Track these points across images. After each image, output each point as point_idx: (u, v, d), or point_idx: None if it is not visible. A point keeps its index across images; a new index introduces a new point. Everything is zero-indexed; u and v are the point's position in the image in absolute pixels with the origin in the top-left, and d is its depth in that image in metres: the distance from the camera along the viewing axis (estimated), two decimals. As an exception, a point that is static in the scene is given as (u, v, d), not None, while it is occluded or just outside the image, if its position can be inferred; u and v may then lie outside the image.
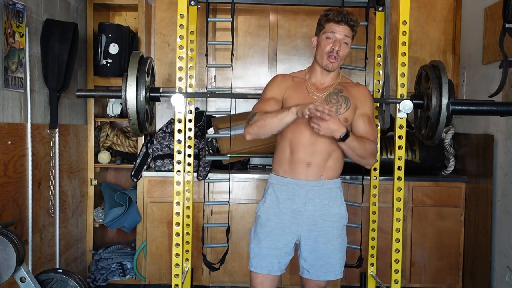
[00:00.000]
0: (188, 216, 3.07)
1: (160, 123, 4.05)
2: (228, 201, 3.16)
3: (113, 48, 3.70)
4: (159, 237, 3.61)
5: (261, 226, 2.30)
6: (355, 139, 2.13)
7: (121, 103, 3.77)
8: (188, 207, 3.05)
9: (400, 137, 2.68)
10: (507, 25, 2.51)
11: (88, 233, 3.83)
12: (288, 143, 2.26)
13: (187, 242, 3.12)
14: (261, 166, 4.03)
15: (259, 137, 2.20)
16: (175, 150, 2.63)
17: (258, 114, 2.20)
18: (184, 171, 2.67)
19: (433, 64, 2.64)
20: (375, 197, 3.13)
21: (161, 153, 3.64)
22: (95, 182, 3.83)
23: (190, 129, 3.05)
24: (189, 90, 3.11)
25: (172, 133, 3.71)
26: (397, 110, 2.65)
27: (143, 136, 3.76)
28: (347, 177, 3.45)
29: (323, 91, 2.28)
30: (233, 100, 4.00)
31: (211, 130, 3.76)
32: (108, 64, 3.70)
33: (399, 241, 2.69)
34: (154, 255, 3.62)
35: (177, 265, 2.61)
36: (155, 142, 3.68)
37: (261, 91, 2.45)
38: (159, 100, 2.73)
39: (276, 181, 2.30)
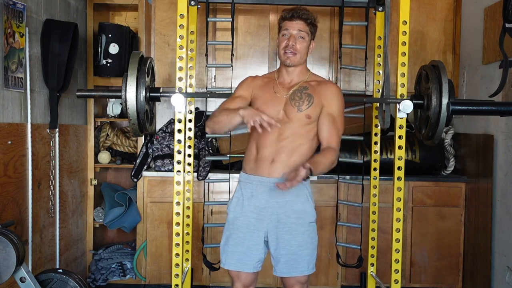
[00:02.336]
0: (188, 216, 3.07)
1: (160, 123, 4.05)
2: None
3: (113, 48, 3.70)
4: (159, 237, 3.62)
5: (229, 224, 2.34)
6: (319, 166, 2.10)
7: (121, 103, 3.77)
8: (188, 207, 3.05)
9: (400, 137, 2.68)
10: (507, 25, 2.51)
11: (88, 233, 3.83)
12: (255, 142, 2.30)
13: (187, 242, 3.12)
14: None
15: (215, 132, 2.27)
16: (175, 150, 2.63)
17: (218, 110, 2.27)
18: (184, 171, 2.67)
19: (433, 64, 2.64)
20: (375, 197, 3.13)
21: (161, 153, 3.64)
22: (95, 182, 3.83)
23: (190, 129, 3.05)
24: (189, 90, 3.11)
25: (172, 133, 3.71)
26: (397, 110, 2.65)
27: (143, 136, 3.76)
28: (347, 177, 3.45)
29: (289, 90, 2.31)
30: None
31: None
32: (108, 64, 3.70)
33: (399, 241, 2.69)
34: (154, 255, 3.62)
35: (177, 265, 2.61)
36: (155, 142, 3.68)
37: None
38: (159, 100, 2.73)
39: (243, 179, 2.34)
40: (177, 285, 2.61)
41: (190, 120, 3.06)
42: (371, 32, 3.20)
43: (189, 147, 3.06)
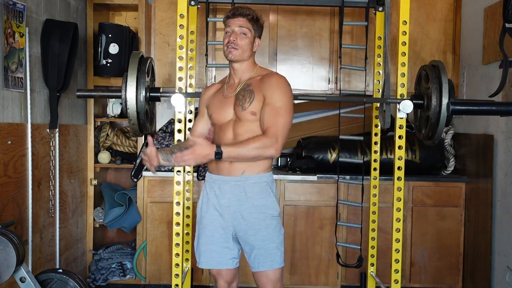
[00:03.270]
0: (188, 216, 3.07)
1: (160, 123, 4.05)
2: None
3: (113, 48, 3.70)
4: (159, 237, 3.62)
5: (198, 223, 2.40)
6: (233, 150, 2.13)
7: (121, 103, 3.77)
8: (188, 207, 3.05)
9: (400, 137, 2.67)
10: (507, 25, 2.51)
11: (88, 233, 3.83)
12: (215, 143, 2.30)
13: (187, 242, 3.12)
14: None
15: None
16: (175, 150, 2.63)
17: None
18: (184, 171, 2.67)
19: (433, 64, 2.64)
20: (375, 197, 3.13)
21: (161, 153, 3.63)
22: (95, 182, 3.83)
23: (190, 129, 3.05)
24: (189, 90, 3.11)
25: (172, 133, 3.71)
26: (397, 110, 2.65)
27: (143, 136, 3.76)
28: (347, 177, 3.45)
29: (235, 90, 2.34)
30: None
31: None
32: (108, 64, 3.70)
33: (399, 241, 2.69)
34: (154, 255, 3.62)
35: (177, 265, 2.61)
36: (155, 142, 3.68)
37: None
38: (159, 100, 2.73)
39: (208, 178, 2.38)
40: (177, 285, 2.61)
41: (190, 120, 3.06)
42: (371, 32, 3.20)
43: (189, 147, 3.05)
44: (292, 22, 3.82)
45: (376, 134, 3.14)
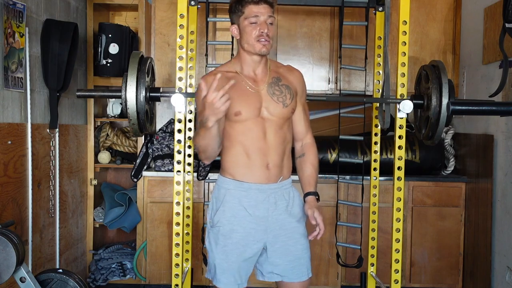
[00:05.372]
0: (188, 216, 3.07)
1: (160, 123, 4.05)
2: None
3: (113, 48, 3.70)
4: (159, 237, 3.61)
5: (225, 238, 2.08)
6: (316, 177, 2.13)
7: (121, 103, 3.77)
8: (188, 207, 3.05)
9: (400, 137, 2.67)
10: (507, 25, 2.51)
11: (88, 233, 3.83)
12: (241, 147, 2.07)
13: (187, 242, 3.12)
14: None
15: (214, 158, 2.05)
16: (175, 150, 2.63)
17: (196, 136, 2.01)
18: (184, 171, 2.67)
19: (433, 64, 2.64)
20: (375, 197, 3.13)
21: (161, 153, 3.64)
22: (95, 182, 3.83)
23: (190, 129, 3.05)
24: (189, 90, 3.11)
25: (172, 133, 3.71)
26: (397, 110, 2.65)
27: (143, 136, 3.76)
28: (347, 177, 3.45)
29: (261, 83, 2.09)
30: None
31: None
32: (108, 64, 3.70)
33: (399, 241, 2.69)
34: (154, 255, 3.62)
35: (177, 265, 2.61)
36: (155, 142, 3.68)
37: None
38: (159, 100, 2.73)
39: (234, 186, 2.08)
40: (177, 285, 2.61)
41: (190, 120, 3.06)
42: (371, 32, 3.20)
43: (189, 147, 3.06)
44: (292, 22, 3.82)
45: (376, 134, 3.14)
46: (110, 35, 3.69)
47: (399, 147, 2.68)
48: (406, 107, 2.62)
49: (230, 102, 1.83)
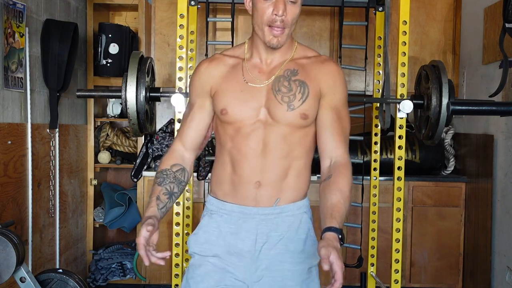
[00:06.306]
0: (188, 216, 3.07)
1: (160, 123, 4.05)
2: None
3: (113, 48, 3.70)
4: (159, 237, 3.61)
5: (194, 268, 1.62)
6: (343, 216, 1.46)
7: (121, 103, 3.77)
8: (188, 207, 3.05)
9: (400, 137, 2.67)
10: (507, 25, 2.51)
11: (88, 233, 3.83)
12: (228, 156, 1.59)
13: (187, 242, 3.11)
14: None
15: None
16: (175, 150, 2.63)
17: (164, 157, 1.66)
18: (184, 171, 2.66)
19: (433, 64, 2.64)
20: (375, 197, 3.13)
21: (161, 153, 3.63)
22: (95, 182, 3.83)
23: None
24: (189, 90, 3.11)
25: (172, 133, 3.70)
26: (397, 110, 2.65)
27: (143, 136, 3.76)
28: (347, 177, 3.45)
29: (269, 75, 1.57)
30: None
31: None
32: (108, 64, 3.70)
33: (399, 241, 2.69)
34: (154, 255, 3.62)
35: (177, 265, 2.62)
36: (155, 142, 3.68)
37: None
38: (159, 100, 2.73)
39: (215, 207, 1.63)
40: (177, 285, 2.62)
41: (190, 120, 3.06)
42: (371, 32, 3.20)
43: (189, 147, 3.06)
44: (292, 22, 3.81)
45: (376, 134, 3.14)
46: (110, 35, 3.69)
47: (399, 147, 2.68)
48: (406, 107, 2.62)
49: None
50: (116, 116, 3.97)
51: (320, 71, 1.58)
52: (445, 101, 2.50)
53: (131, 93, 2.52)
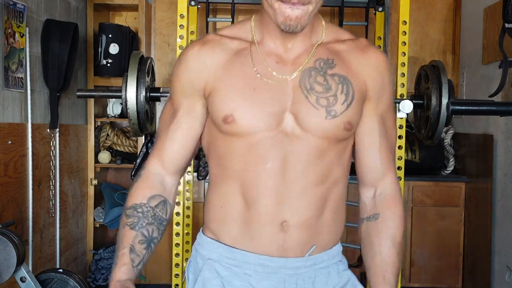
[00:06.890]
0: (188, 216, 3.07)
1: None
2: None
3: (113, 48, 3.70)
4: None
5: None
6: (398, 265, 1.18)
7: (121, 103, 3.78)
8: (188, 207, 3.05)
9: (400, 137, 2.68)
10: (507, 25, 2.51)
11: (89, 233, 3.83)
12: (236, 183, 1.14)
13: (187, 242, 3.12)
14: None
15: None
16: (175, 150, 2.63)
17: (136, 183, 1.30)
18: (184, 171, 2.67)
19: (433, 64, 2.64)
20: (375, 197, 3.13)
21: (161, 153, 3.63)
22: (95, 182, 3.83)
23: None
24: (189, 90, 3.11)
25: (172, 133, 3.70)
26: (397, 110, 2.65)
27: (143, 136, 3.76)
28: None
29: (292, 66, 1.11)
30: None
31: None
32: (108, 64, 3.70)
33: (399, 241, 2.69)
34: (154, 255, 3.59)
35: (177, 265, 2.62)
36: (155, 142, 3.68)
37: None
38: (159, 100, 2.73)
39: (217, 255, 1.18)
40: (177, 285, 2.62)
41: (190, 120, 3.06)
42: (371, 32, 3.20)
43: (189, 147, 3.06)
44: (292, 22, 3.82)
45: (376, 134, 3.14)
46: (110, 35, 3.69)
47: (399, 147, 2.68)
48: (406, 107, 2.62)
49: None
50: (116, 116, 3.97)
51: (363, 63, 1.14)
52: (445, 101, 2.50)
53: (131, 93, 2.52)
